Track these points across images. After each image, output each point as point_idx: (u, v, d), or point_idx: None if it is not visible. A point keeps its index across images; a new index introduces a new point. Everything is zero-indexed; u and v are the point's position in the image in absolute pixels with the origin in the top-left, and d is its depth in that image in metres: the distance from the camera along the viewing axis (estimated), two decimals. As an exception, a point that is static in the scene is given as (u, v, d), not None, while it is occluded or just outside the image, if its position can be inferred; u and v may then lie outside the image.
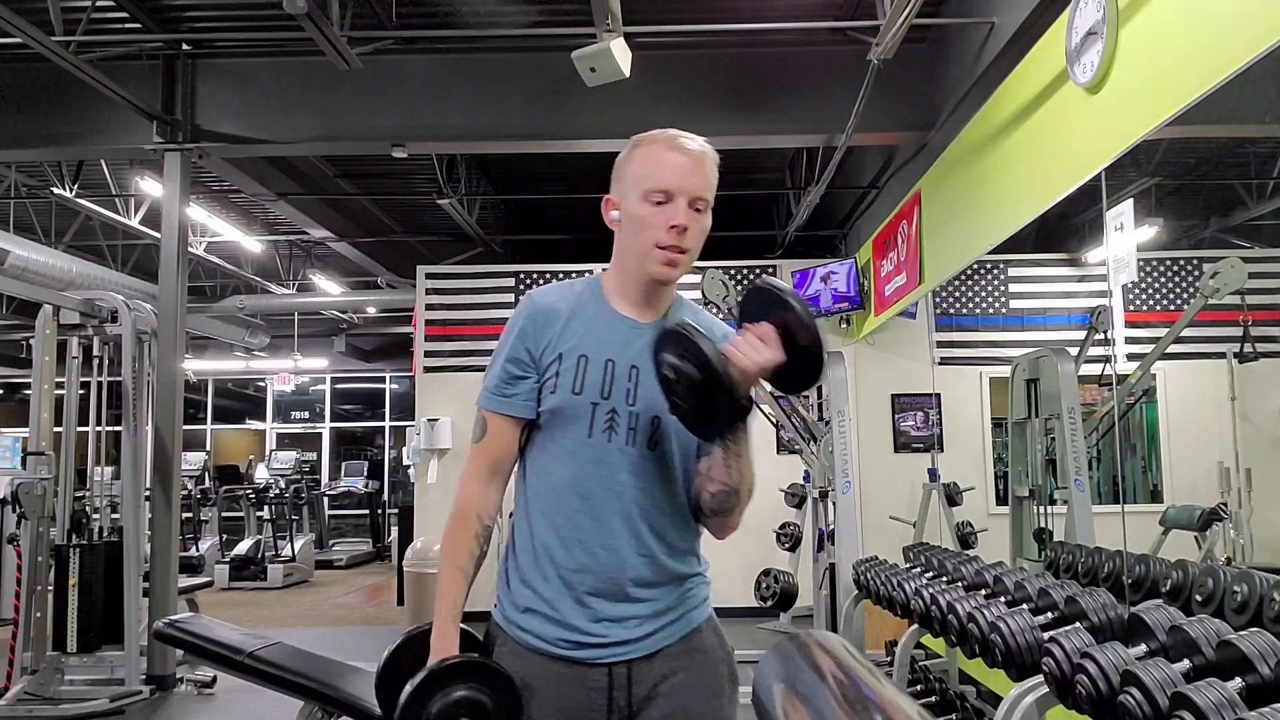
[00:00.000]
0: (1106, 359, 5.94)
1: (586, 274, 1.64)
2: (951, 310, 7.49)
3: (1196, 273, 6.81)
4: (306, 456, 14.27)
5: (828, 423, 5.50)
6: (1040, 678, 2.48)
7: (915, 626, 3.70)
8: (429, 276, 8.07)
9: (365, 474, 13.71)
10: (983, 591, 3.33)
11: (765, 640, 6.39)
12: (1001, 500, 6.99)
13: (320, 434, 15.31)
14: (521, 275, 7.98)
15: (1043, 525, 5.14)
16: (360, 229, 8.80)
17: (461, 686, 1.46)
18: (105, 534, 5.42)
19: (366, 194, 8.36)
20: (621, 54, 4.34)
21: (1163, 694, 1.98)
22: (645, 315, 1.57)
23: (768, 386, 1.65)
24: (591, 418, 1.51)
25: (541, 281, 7.93)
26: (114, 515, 5.48)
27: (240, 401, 16.31)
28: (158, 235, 6.04)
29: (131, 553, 5.26)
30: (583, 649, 1.49)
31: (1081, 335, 6.26)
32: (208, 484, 11.94)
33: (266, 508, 10.64)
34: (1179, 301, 6.83)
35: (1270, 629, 2.22)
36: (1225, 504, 5.01)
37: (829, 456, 5.44)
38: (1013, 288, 7.45)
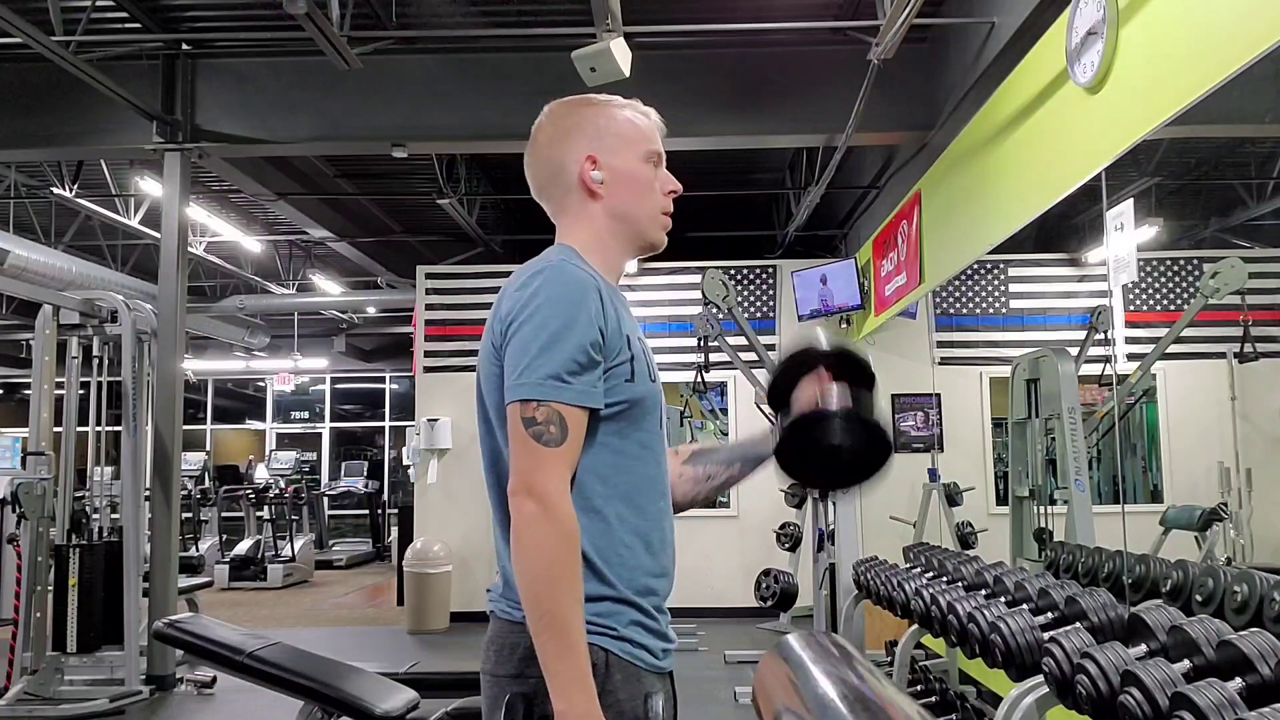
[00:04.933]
0: (1106, 359, 5.94)
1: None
2: (951, 310, 7.49)
3: (1196, 273, 6.80)
4: (306, 456, 14.27)
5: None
6: (1040, 678, 2.48)
7: (915, 626, 3.70)
8: (429, 276, 8.07)
9: (365, 474, 13.72)
10: (983, 591, 3.33)
11: (765, 640, 6.38)
12: (1001, 500, 6.99)
13: (320, 434, 15.31)
14: (521, 275, 7.96)
15: (1043, 525, 5.14)
16: (360, 229, 8.79)
17: None
18: (105, 534, 5.42)
19: (366, 194, 8.36)
20: (621, 54, 4.34)
21: (1163, 694, 1.98)
22: None
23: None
24: (660, 408, 1.39)
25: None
26: (114, 515, 5.48)
27: (240, 401, 16.31)
28: (158, 235, 6.04)
29: (131, 553, 5.26)
30: (669, 656, 1.36)
31: (1081, 335, 6.26)
32: (208, 484, 11.94)
33: (266, 508, 10.64)
34: (1179, 301, 6.83)
35: (1270, 629, 2.22)
36: (1225, 504, 5.02)
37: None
38: (1013, 288, 7.44)
